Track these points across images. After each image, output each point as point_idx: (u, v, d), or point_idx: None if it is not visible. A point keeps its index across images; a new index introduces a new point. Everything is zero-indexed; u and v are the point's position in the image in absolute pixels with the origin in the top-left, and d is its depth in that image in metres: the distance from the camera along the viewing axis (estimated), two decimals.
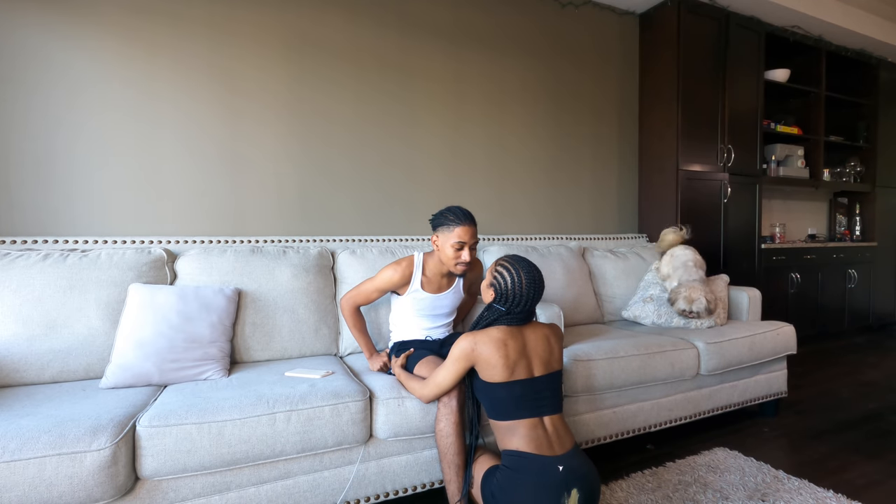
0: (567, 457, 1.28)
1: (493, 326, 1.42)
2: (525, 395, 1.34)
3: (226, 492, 1.39)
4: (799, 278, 3.86)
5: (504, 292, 1.41)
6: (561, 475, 1.23)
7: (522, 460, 1.27)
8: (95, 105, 2.12)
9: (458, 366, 1.40)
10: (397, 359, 1.72)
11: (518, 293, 1.40)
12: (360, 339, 1.89)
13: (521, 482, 1.24)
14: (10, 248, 1.87)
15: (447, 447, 1.49)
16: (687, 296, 2.42)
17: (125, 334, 1.64)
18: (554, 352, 1.44)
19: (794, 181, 3.99)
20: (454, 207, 1.74)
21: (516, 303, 1.40)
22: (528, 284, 1.40)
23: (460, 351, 1.39)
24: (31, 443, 1.18)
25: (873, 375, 3.19)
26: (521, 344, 1.40)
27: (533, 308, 1.43)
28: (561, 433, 1.35)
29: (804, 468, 1.94)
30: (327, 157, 2.55)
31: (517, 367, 1.36)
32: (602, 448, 2.13)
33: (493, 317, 1.43)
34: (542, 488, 1.21)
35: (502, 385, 1.34)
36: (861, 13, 3.95)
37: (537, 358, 1.40)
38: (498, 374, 1.34)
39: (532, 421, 1.32)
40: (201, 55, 2.28)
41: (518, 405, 1.33)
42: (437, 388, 1.48)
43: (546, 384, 1.38)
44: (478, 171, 2.95)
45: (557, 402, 1.39)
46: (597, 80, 3.38)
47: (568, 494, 1.21)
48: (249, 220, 2.40)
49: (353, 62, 2.60)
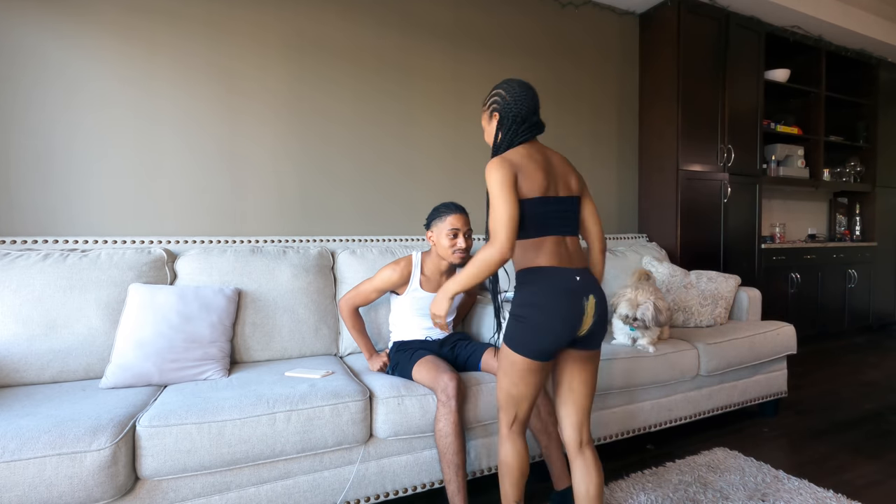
0: (582, 270, 1.33)
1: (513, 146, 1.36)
2: (554, 212, 1.33)
3: (226, 492, 1.39)
4: (799, 278, 3.86)
5: (509, 104, 1.36)
6: (580, 283, 1.29)
7: (546, 271, 1.30)
8: (94, 104, 2.11)
9: (505, 192, 1.26)
10: (398, 353, 1.76)
11: (521, 97, 1.36)
12: (359, 340, 1.90)
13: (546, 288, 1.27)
14: (10, 248, 1.87)
15: (446, 447, 1.50)
16: (631, 298, 2.04)
17: (125, 334, 1.64)
18: (573, 174, 1.41)
19: (794, 181, 3.99)
20: (444, 202, 1.84)
21: (525, 108, 1.35)
22: (526, 89, 1.37)
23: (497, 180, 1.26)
24: (31, 443, 1.18)
25: (873, 375, 3.19)
26: (548, 162, 1.36)
27: (540, 117, 1.40)
28: (578, 252, 1.37)
29: (804, 468, 1.94)
30: (327, 156, 2.55)
31: (549, 183, 1.33)
32: (602, 448, 2.13)
33: (510, 132, 1.36)
34: (567, 293, 1.27)
35: (539, 200, 1.30)
36: (861, 13, 3.95)
37: (561, 179, 1.38)
38: (538, 186, 1.30)
39: (557, 238, 1.33)
40: (200, 54, 2.28)
41: (548, 222, 1.32)
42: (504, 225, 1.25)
43: (570, 205, 1.37)
44: (478, 172, 2.95)
45: (577, 225, 1.41)
46: (597, 79, 3.38)
47: (587, 299, 1.28)
48: (249, 219, 2.40)
49: (352, 61, 2.60)
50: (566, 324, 1.25)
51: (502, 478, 1.36)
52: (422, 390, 1.62)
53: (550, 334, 1.25)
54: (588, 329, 1.29)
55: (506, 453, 1.35)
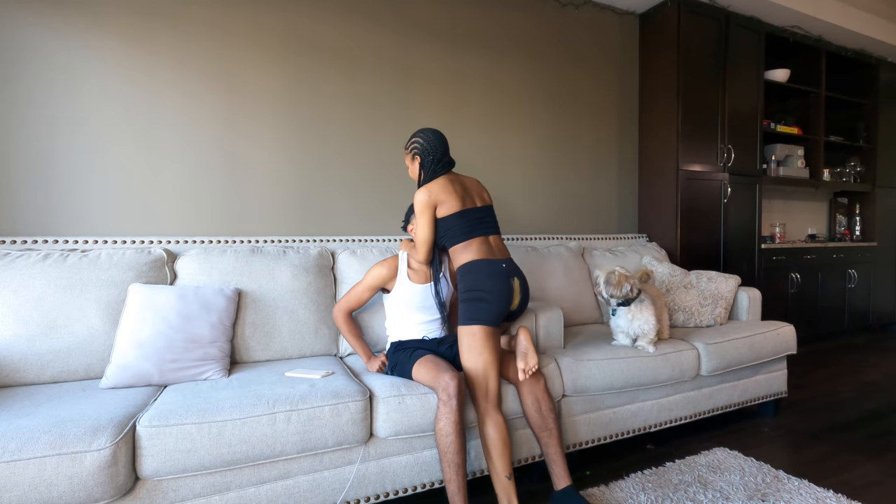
0: (507, 260, 1.73)
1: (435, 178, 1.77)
2: (473, 220, 1.75)
3: (226, 492, 1.39)
4: (799, 278, 3.86)
5: (426, 148, 1.79)
6: (505, 269, 1.70)
7: (478, 262, 1.69)
8: (96, 105, 2.12)
9: (426, 215, 1.74)
10: (396, 353, 1.80)
11: (435, 143, 1.80)
12: (356, 344, 1.91)
13: (481, 274, 1.66)
14: (10, 248, 1.87)
15: (447, 446, 1.50)
16: (623, 274, 2.06)
17: (125, 334, 1.64)
18: (485, 191, 1.88)
19: (794, 181, 3.99)
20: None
21: (439, 151, 1.79)
22: (437, 135, 1.82)
23: (421, 203, 1.73)
24: (31, 443, 1.18)
25: (873, 375, 3.19)
26: (462, 185, 1.80)
27: (450, 155, 1.83)
28: (500, 247, 1.79)
29: (804, 468, 1.94)
30: (327, 156, 2.55)
31: (465, 200, 1.77)
32: (602, 448, 2.13)
33: (430, 170, 1.78)
34: (497, 275, 1.67)
35: (457, 214, 1.73)
36: (861, 13, 3.95)
37: (475, 194, 1.83)
38: (454, 205, 1.73)
39: (481, 238, 1.74)
40: (201, 55, 2.28)
41: (471, 228, 1.74)
42: (423, 244, 1.78)
43: (486, 212, 1.81)
44: (477, 172, 2.95)
45: (495, 226, 1.82)
46: (596, 80, 3.38)
47: (512, 280, 1.70)
48: (249, 219, 2.40)
49: (352, 62, 2.60)
50: (502, 297, 1.65)
51: (490, 456, 1.58)
52: (422, 389, 1.62)
53: (494, 305, 1.64)
54: (518, 304, 1.72)
55: (489, 430, 1.58)
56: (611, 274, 2.05)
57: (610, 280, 2.04)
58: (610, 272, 2.06)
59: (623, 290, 2.03)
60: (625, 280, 2.03)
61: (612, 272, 2.05)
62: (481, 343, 1.62)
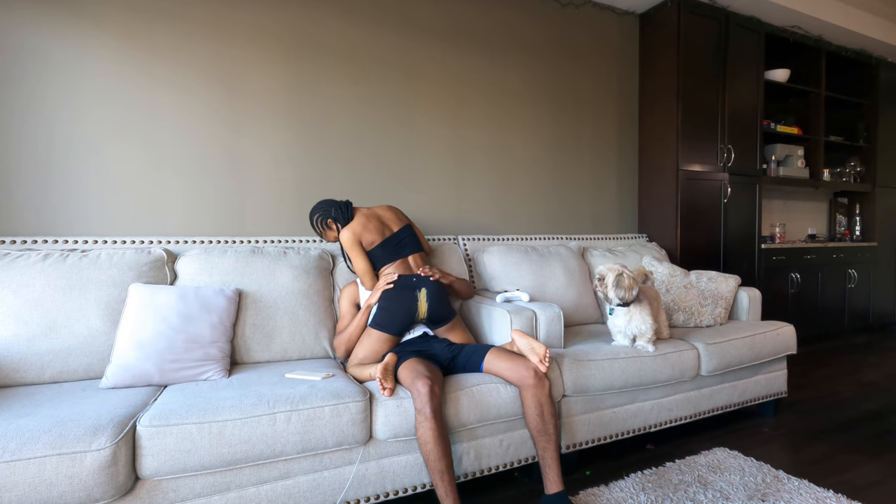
0: (417, 275, 1.93)
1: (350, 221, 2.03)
2: (394, 246, 2.03)
3: (226, 492, 1.39)
4: (799, 278, 3.86)
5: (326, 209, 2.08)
6: (414, 283, 1.89)
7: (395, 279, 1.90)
8: (95, 105, 2.12)
9: (356, 249, 1.99)
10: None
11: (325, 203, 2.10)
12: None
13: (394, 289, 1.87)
14: (10, 248, 1.87)
15: (428, 453, 1.50)
16: (625, 274, 2.05)
17: (125, 334, 1.64)
18: (399, 213, 2.15)
19: (794, 181, 3.99)
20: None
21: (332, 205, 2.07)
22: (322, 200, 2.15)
23: (348, 241, 1.99)
24: (31, 443, 1.18)
25: (873, 375, 3.19)
26: (377, 218, 2.07)
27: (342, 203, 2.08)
28: (417, 263, 2.04)
29: (804, 468, 1.94)
30: (327, 157, 2.55)
31: (383, 231, 2.04)
32: (602, 448, 2.13)
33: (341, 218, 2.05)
34: (404, 290, 1.87)
35: (381, 245, 2.01)
36: (861, 13, 3.95)
37: (391, 222, 2.09)
38: (375, 238, 2.01)
39: (402, 259, 2.02)
40: (201, 55, 2.28)
41: (392, 253, 2.02)
42: (364, 275, 1.99)
43: (404, 233, 2.08)
44: (478, 173, 2.95)
45: (414, 243, 2.08)
46: (597, 79, 3.38)
47: (419, 291, 1.87)
48: (250, 220, 2.40)
49: (352, 63, 2.60)
50: (403, 307, 1.85)
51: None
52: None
53: (396, 315, 1.84)
54: (427, 311, 1.87)
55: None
56: (620, 277, 2.03)
57: (620, 283, 2.02)
58: (619, 274, 2.04)
59: (633, 293, 2.03)
60: (634, 283, 2.03)
61: (620, 274, 2.03)
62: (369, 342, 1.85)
